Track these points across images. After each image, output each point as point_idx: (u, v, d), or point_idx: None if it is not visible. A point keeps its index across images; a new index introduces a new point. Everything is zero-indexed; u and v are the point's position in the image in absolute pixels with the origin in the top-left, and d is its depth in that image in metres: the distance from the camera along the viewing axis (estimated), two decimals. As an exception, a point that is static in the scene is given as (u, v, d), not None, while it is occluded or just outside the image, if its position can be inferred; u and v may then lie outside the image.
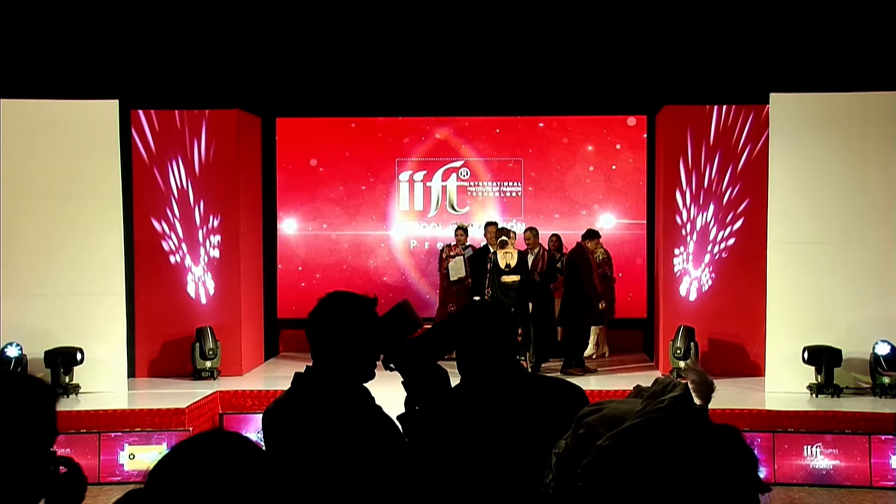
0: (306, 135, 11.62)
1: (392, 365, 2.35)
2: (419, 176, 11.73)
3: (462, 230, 10.55)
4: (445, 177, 11.71)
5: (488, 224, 10.25)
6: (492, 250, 9.59)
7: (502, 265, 9.35)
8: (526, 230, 10.26)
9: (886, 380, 8.13)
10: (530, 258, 9.76)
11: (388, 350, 2.33)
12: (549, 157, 11.52)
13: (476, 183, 11.71)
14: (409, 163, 11.72)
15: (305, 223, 11.58)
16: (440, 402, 2.31)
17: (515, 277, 9.33)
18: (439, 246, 11.15)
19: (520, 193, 11.70)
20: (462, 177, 11.71)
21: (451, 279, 10.16)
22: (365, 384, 2.32)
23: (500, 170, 11.74)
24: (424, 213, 11.74)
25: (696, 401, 1.70)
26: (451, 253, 10.39)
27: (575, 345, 9.53)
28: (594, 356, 10.49)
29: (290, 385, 2.32)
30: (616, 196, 11.45)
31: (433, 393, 2.31)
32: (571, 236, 11.14)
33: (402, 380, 2.37)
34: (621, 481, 1.58)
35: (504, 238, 9.45)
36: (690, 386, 1.74)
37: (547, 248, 10.30)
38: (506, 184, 11.70)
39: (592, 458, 1.63)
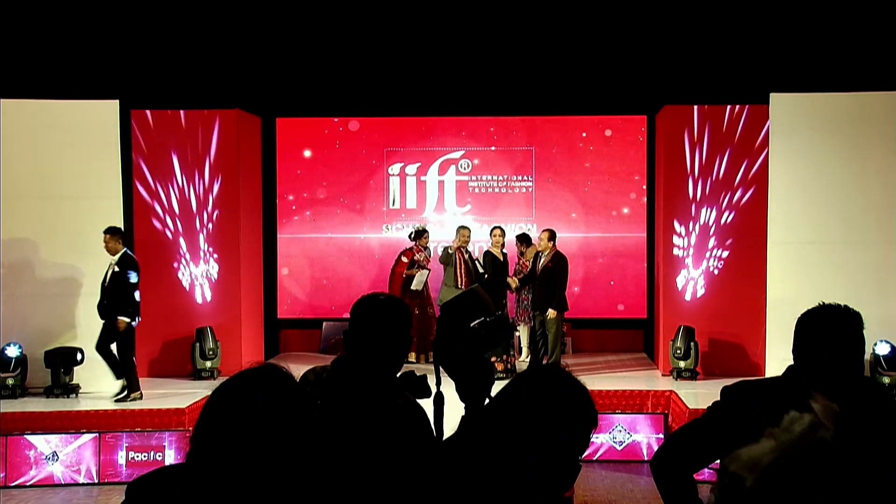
0: (306, 135, 11.61)
1: (442, 366, 2.31)
2: (412, 169, 11.54)
3: (427, 234, 10.29)
4: (443, 170, 11.65)
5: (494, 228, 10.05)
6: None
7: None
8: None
9: (886, 380, 8.14)
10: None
11: (438, 351, 2.32)
12: (548, 158, 11.49)
13: (479, 177, 11.65)
14: (400, 153, 11.49)
15: (305, 223, 11.56)
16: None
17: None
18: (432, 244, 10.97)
19: (531, 189, 11.59)
20: (462, 170, 11.61)
21: (412, 287, 9.96)
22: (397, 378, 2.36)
23: (506, 162, 11.58)
24: (419, 211, 11.59)
25: (827, 425, 1.82)
26: (416, 258, 10.15)
27: None
28: None
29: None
30: (615, 195, 11.43)
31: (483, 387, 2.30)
32: (568, 239, 11.16)
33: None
34: None
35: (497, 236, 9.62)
36: (818, 413, 1.83)
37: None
38: (515, 178, 11.59)
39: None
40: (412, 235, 10.31)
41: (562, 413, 1.71)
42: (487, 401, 1.84)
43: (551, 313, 9.12)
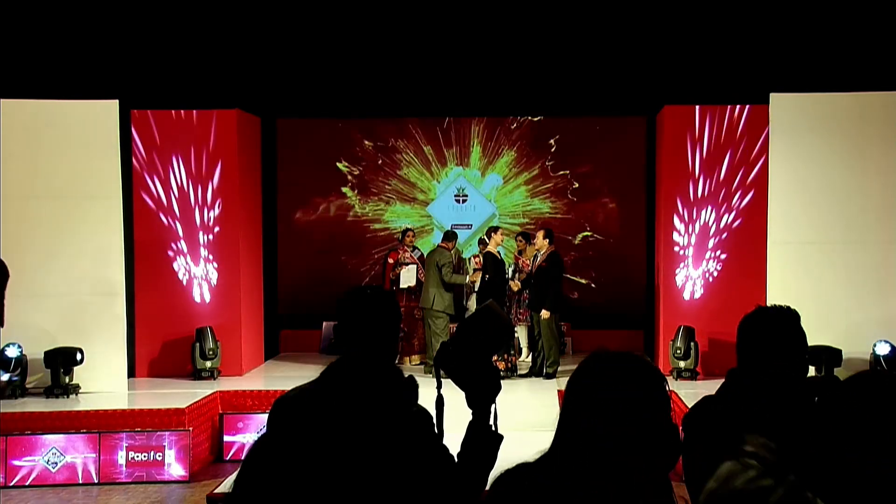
0: (306, 135, 11.61)
1: (443, 371, 2.29)
2: (409, 166, 11.48)
3: (411, 233, 10.34)
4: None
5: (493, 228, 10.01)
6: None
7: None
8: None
9: (886, 380, 8.13)
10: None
11: (439, 356, 2.31)
12: (549, 158, 11.49)
13: (479, 175, 11.50)
14: (401, 150, 11.38)
15: (305, 223, 11.55)
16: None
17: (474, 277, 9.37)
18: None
19: (532, 188, 11.49)
20: (462, 167, 11.52)
21: (401, 286, 9.96)
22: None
23: (506, 163, 11.49)
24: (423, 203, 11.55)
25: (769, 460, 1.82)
26: (399, 257, 10.15)
27: None
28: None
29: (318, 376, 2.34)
30: (615, 195, 11.43)
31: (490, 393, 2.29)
32: (569, 238, 11.16)
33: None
34: None
35: (483, 237, 9.57)
36: (757, 452, 1.81)
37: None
38: (515, 178, 11.45)
39: None
40: (399, 237, 10.37)
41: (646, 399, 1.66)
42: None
43: (544, 314, 9.12)
